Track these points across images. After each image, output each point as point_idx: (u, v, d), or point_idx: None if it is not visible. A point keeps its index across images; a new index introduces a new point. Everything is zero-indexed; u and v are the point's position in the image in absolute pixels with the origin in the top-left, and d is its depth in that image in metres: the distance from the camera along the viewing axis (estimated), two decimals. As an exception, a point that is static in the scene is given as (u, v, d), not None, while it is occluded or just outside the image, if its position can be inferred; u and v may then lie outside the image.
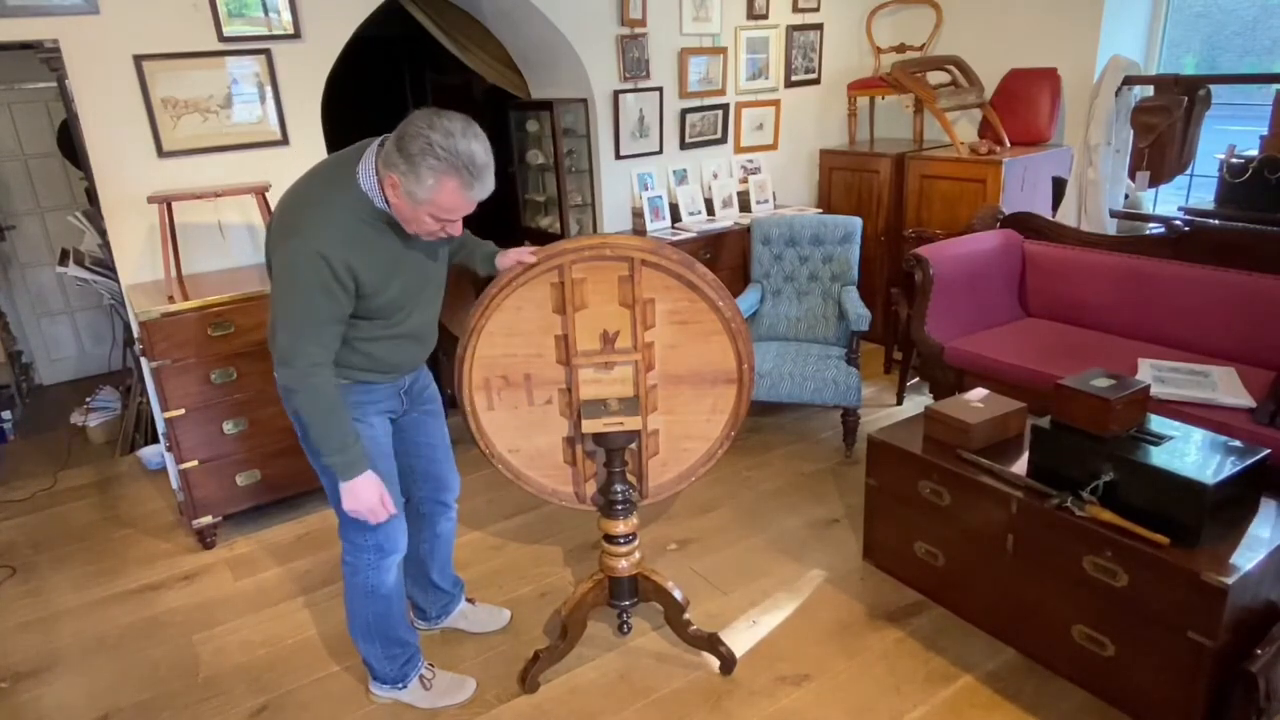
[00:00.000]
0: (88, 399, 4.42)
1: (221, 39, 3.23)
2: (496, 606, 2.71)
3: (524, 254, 2.09)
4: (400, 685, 2.32)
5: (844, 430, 3.65)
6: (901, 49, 5.02)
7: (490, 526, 3.27)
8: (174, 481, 3.42)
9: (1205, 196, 3.88)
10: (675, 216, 4.56)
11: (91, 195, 3.58)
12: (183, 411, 3.01)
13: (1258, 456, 2.13)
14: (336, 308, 1.84)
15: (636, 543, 2.37)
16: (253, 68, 3.32)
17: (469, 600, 2.69)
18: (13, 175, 4.85)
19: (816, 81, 5.06)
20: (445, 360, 2.28)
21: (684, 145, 4.65)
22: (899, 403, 4.19)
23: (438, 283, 2.12)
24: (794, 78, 4.95)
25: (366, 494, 1.97)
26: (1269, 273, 3.05)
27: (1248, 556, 2.00)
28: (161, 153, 3.22)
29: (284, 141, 3.45)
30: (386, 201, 1.84)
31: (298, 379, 1.85)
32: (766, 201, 4.82)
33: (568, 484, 2.35)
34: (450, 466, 2.41)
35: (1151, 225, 3.89)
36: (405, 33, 5.16)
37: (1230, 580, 1.91)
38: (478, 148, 1.76)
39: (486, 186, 1.81)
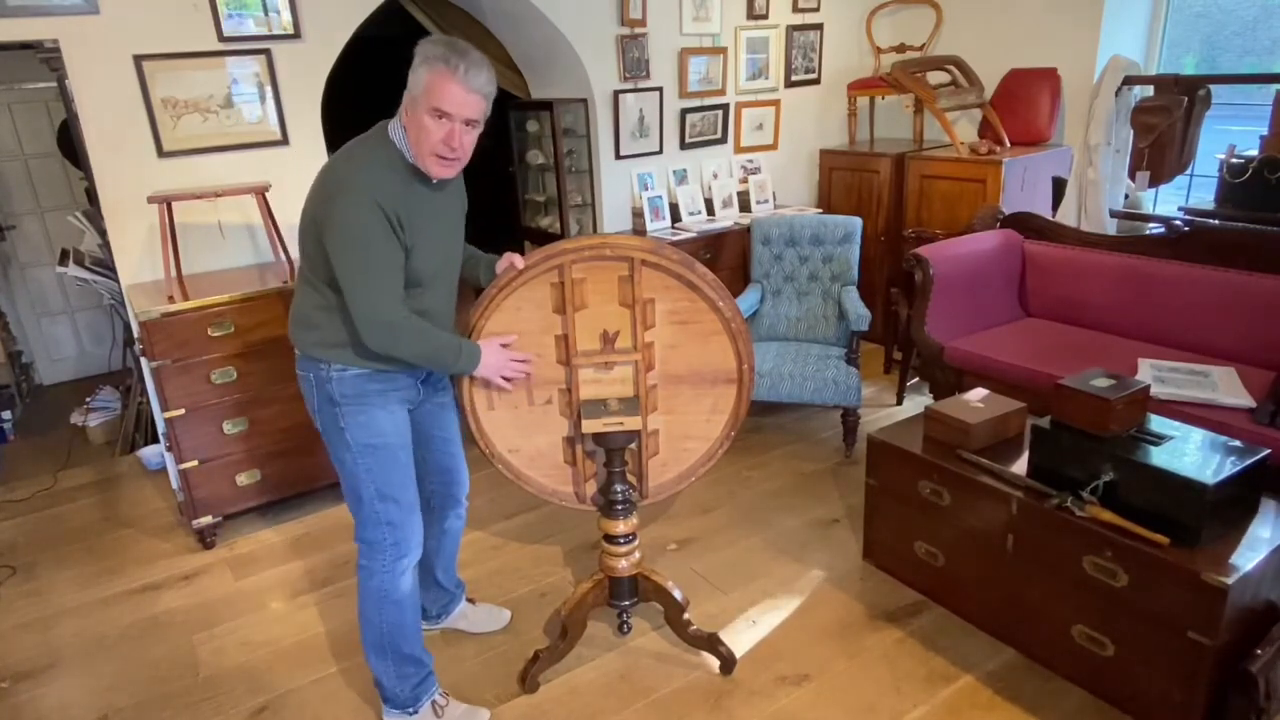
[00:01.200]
0: (88, 399, 4.42)
1: (221, 39, 3.23)
2: (497, 606, 2.71)
3: (517, 259, 2.11)
4: (411, 710, 2.25)
5: (844, 430, 3.65)
6: (901, 49, 5.02)
7: (490, 526, 3.27)
8: (174, 481, 3.42)
9: (1205, 196, 3.88)
10: (675, 216, 4.56)
11: (91, 195, 3.58)
12: (183, 411, 3.01)
13: (1258, 456, 2.13)
14: (398, 253, 1.89)
15: (636, 543, 2.37)
16: (253, 68, 3.32)
17: (469, 600, 2.69)
18: (13, 175, 4.85)
19: (816, 81, 5.06)
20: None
21: (684, 145, 4.65)
22: (899, 403, 4.19)
23: (455, 261, 2.15)
24: (794, 78, 4.95)
25: (495, 359, 2.06)
26: (1269, 273, 3.05)
27: (1248, 556, 2.00)
28: (161, 153, 3.22)
29: (284, 141, 3.45)
30: (408, 145, 1.90)
31: (391, 331, 1.90)
32: (766, 201, 4.82)
33: (568, 484, 2.34)
34: (461, 460, 2.41)
35: (1151, 225, 3.88)
36: (405, 33, 5.16)
37: (1230, 580, 1.91)
38: (466, 44, 1.84)
39: (477, 76, 1.84)
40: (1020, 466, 2.43)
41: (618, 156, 4.43)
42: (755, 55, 4.74)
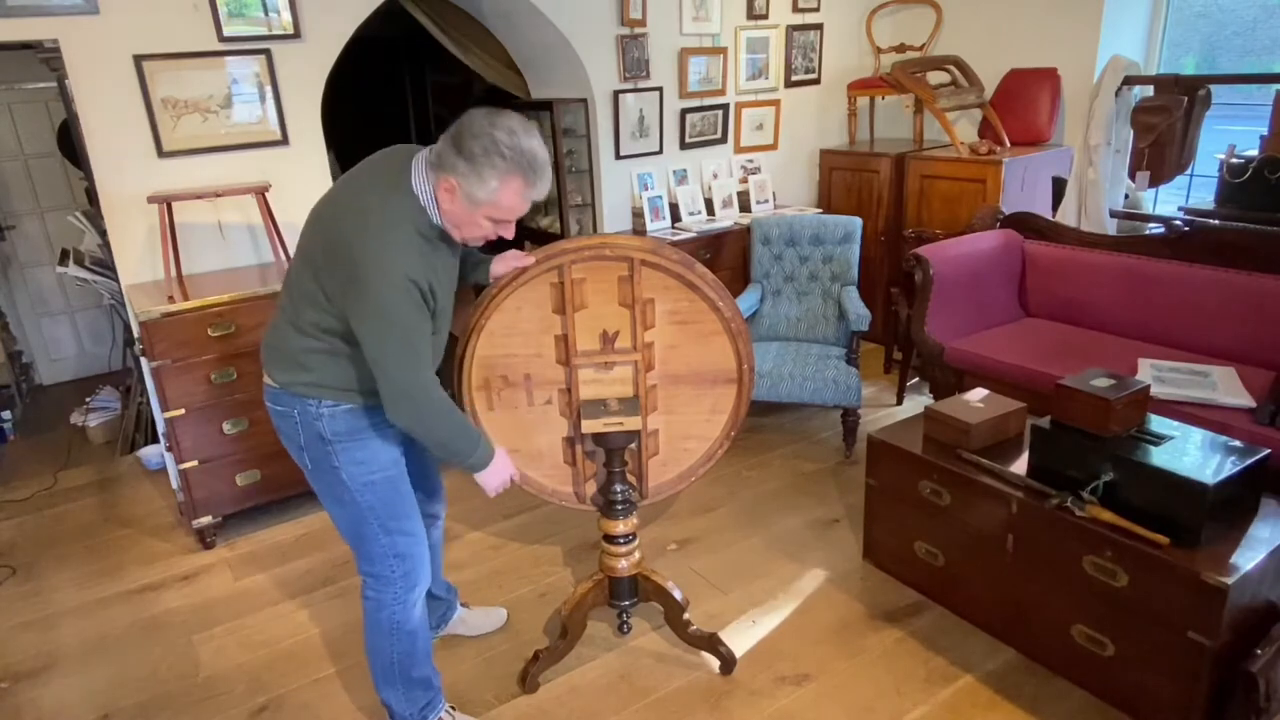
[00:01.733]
0: (88, 399, 4.42)
1: (221, 39, 3.23)
2: (491, 608, 2.71)
3: (522, 258, 2.08)
4: None
5: (844, 430, 3.65)
6: (901, 49, 5.02)
7: (490, 526, 3.27)
8: (174, 481, 3.42)
9: (1205, 196, 3.88)
10: (675, 216, 4.56)
11: (91, 195, 3.58)
12: (183, 411, 3.01)
13: (1258, 456, 2.13)
14: (429, 322, 1.80)
15: (636, 543, 2.37)
16: (253, 68, 3.32)
17: (463, 604, 2.68)
18: (13, 175, 4.85)
19: (816, 81, 5.06)
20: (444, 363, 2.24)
21: (684, 145, 4.65)
22: (899, 403, 4.19)
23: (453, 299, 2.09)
24: (794, 78, 4.95)
25: (503, 470, 2.02)
26: (1269, 273, 3.05)
27: (1248, 556, 2.00)
28: (161, 153, 3.22)
29: (284, 141, 3.45)
30: (438, 211, 1.78)
31: (423, 408, 1.80)
32: (766, 201, 4.82)
33: (568, 484, 2.34)
34: (438, 480, 2.39)
35: (1151, 225, 3.88)
36: (405, 32, 5.17)
37: (1230, 580, 1.91)
38: (538, 146, 1.74)
39: (546, 185, 1.78)
40: (1020, 466, 2.43)
41: (618, 156, 4.43)
42: (755, 55, 4.74)
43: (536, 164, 1.73)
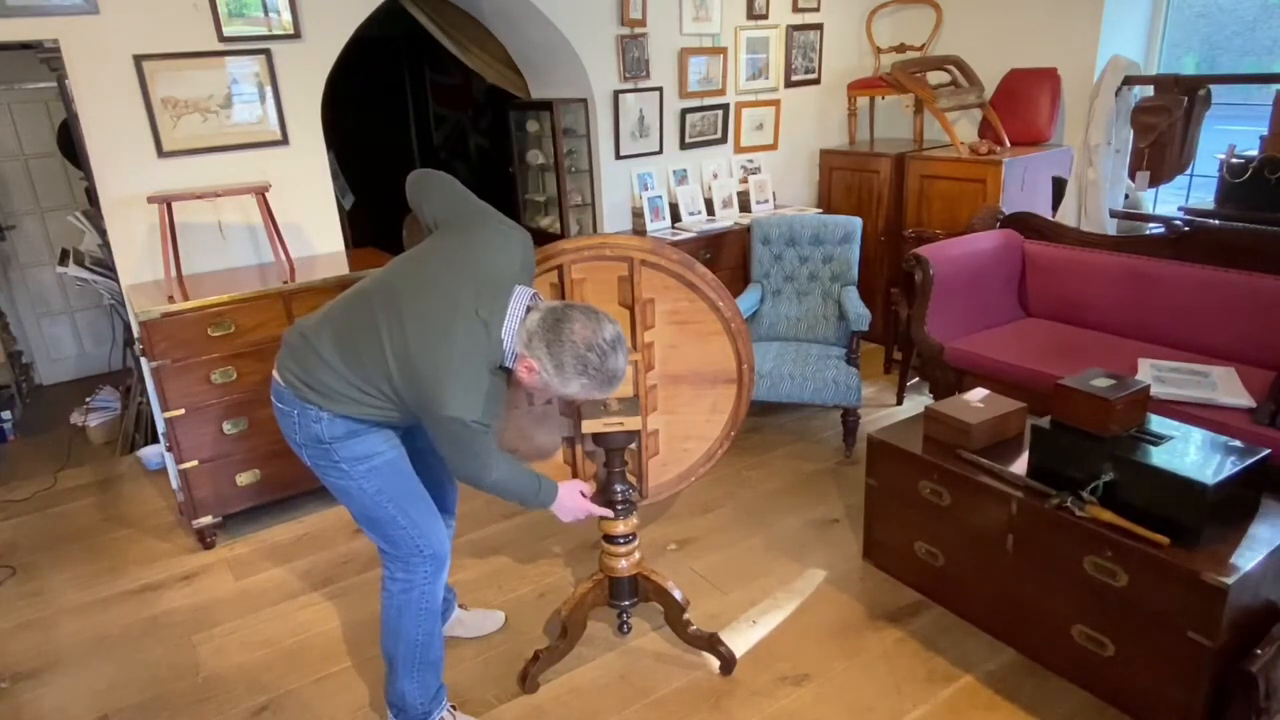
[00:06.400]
0: (88, 399, 4.41)
1: (221, 39, 3.23)
2: (488, 610, 2.71)
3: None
4: None
5: (844, 430, 3.65)
6: (901, 49, 5.02)
7: (490, 527, 3.27)
8: (174, 481, 3.42)
9: (1205, 196, 3.88)
10: (675, 216, 4.56)
11: (91, 195, 3.58)
12: (183, 411, 3.01)
13: (1258, 456, 2.13)
14: (490, 436, 1.89)
15: (636, 543, 2.37)
16: (253, 68, 3.32)
17: (461, 606, 2.68)
18: (13, 175, 4.85)
19: (816, 81, 5.06)
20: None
21: (684, 145, 4.65)
22: (899, 403, 4.19)
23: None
24: (794, 78, 4.95)
25: (573, 502, 2.11)
26: (1269, 273, 3.05)
27: (1248, 556, 2.00)
28: (161, 153, 3.22)
29: (284, 141, 3.45)
30: (513, 364, 1.85)
31: (483, 485, 1.92)
32: (766, 201, 4.82)
33: (568, 484, 2.34)
34: (448, 476, 2.39)
35: (1151, 225, 3.88)
36: (405, 33, 5.17)
37: (1230, 580, 1.91)
38: (624, 361, 1.84)
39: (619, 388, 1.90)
40: (1020, 466, 2.43)
41: (618, 156, 4.43)
42: (755, 55, 4.74)
43: (617, 379, 1.84)
